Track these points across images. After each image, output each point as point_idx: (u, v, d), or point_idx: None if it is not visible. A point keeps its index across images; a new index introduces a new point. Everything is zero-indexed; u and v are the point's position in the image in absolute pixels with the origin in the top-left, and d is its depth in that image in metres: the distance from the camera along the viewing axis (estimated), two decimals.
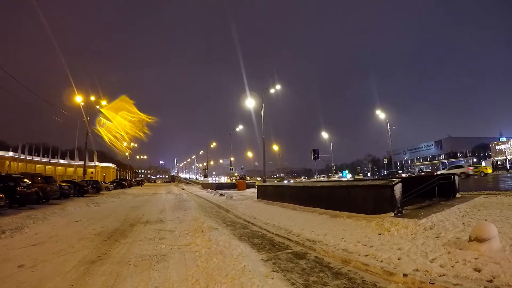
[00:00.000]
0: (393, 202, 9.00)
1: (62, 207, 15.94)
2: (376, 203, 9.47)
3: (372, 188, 10.46)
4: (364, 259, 5.38)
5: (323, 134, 64.34)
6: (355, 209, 9.95)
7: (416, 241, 6.11)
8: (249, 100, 31.42)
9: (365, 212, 9.46)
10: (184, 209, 16.36)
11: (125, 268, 5.54)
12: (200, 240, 7.72)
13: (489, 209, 9.24)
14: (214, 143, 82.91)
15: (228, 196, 23.12)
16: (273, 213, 12.64)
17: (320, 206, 11.92)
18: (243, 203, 18.29)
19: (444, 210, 9.27)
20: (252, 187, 37.31)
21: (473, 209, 9.46)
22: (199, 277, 4.82)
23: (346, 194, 11.27)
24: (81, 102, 34.50)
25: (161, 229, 9.83)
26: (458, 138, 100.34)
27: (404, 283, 4.31)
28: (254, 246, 7.25)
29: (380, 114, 53.43)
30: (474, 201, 11.02)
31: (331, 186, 13.57)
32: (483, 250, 4.88)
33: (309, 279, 4.76)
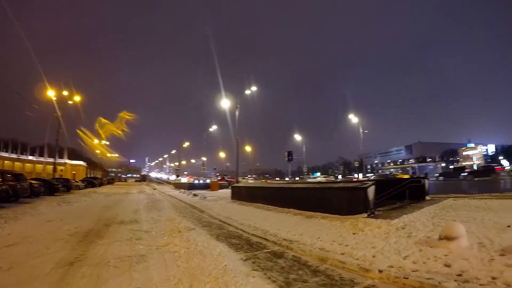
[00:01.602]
0: (367, 204, 9.45)
1: (33, 206, 15.44)
2: (350, 204, 9.86)
3: (346, 190, 10.83)
4: (341, 257, 5.69)
5: (296, 136, 65.10)
6: (329, 210, 10.29)
7: (389, 240, 6.52)
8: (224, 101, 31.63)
9: (339, 213, 9.81)
10: (158, 209, 16.29)
11: (105, 270, 5.49)
12: (178, 241, 7.77)
13: (457, 210, 9.86)
14: (187, 143, 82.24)
15: (202, 197, 23.13)
16: (248, 214, 12.86)
17: (294, 207, 12.19)
18: (218, 204, 18.38)
19: (415, 211, 9.86)
20: (225, 188, 37.47)
21: (442, 210, 10.05)
22: (182, 277, 4.89)
23: (320, 195, 11.67)
24: (54, 97, 33.57)
25: (137, 229, 9.78)
26: (427, 143, 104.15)
27: (380, 278, 4.65)
28: (232, 246, 7.40)
29: (353, 118, 54.82)
30: (443, 203, 11.69)
31: (306, 188, 13.99)
32: (452, 247, 5.33)
33: (289, 276, 4.99)
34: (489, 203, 10.79)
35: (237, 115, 28.27)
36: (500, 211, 8.88)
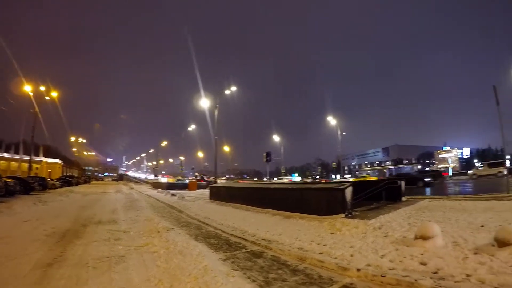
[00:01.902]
0: (344, 204, 9.63)
1: (8, 206, 14.96)
2: (328, 205, 10.01)
3: (325, 190, 11.07)
4: (319, 256, 5.77)
5: (275, 137, 65.35)
6: (307, 211, 10.41)
7: (366, 240, 6.66)
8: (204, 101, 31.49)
9: (318, 213, 9.93)
10: (136, 209, 16.19)
11: (84, 271, 5.41)
12: (157, 241, 7.73)
13: (433, 211, 10.11)
14: (165, 142, 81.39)
15: (180, 197, 23.04)
16: (227, 214, 12.86)
17: (273, 208, 12.26)
18: (196, 204, 18.34)
19: (391, 212, 10.08)
20: (203, 188, 37.40)
21: (418, 211, 10.29)
22: (162, 277, 4.89)
23: (299, 196, 11.81)
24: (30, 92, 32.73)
25: (115, 229, 9.71)
26: (404, 146, 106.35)
27: (358, 277, 4.74)
28: (211, 246, 7.38)
29: (332, 120, 55.51)
30: (419, 204, 11.96)
31: (284, 188, 14.13)
32: (428, 246, 5.49)
33: (268, 276, 5.02)
34: (463, 204, 11.12)
35: (216, 115, 28.22)
36: (474, 212, 9.15)
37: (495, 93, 15.59)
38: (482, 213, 8.86)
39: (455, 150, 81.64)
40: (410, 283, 4.14)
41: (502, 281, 3.82)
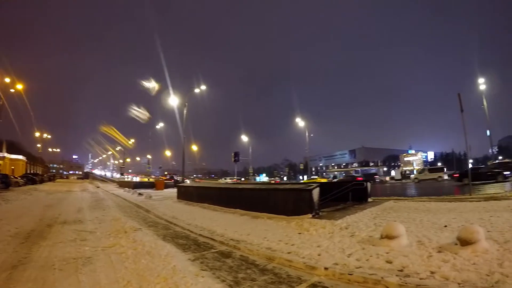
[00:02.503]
0: (312, 205, 9.81)
1: None
2: (295, 205, 10.16)
3: (292, 191, 11.21)
4: (288, 256, 5.84)
5: (243, 137, 65.46)
6: (275, 211, 10.52)
7: (333, 239, 6.79)
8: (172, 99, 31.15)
9: (285, 213, 10.06)
10: (102, 209, 15.93)
11: (51, 273, 5.29)
12: (125, 241, 7.60)
13: (398, 212, 10.43)
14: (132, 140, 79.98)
15: (147, 196, 22.69)
16: (195, 214, 12.78)
17: (241, 208, 12.32)
18: (163, 203, 18.13)
19: (358, 212, 10.32)
20: (171, 187, 36.91)
21: (383, 211, 10.59)
22: (131, 279, 4.83)
23: (267, 196, 11.92)
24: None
25: (82, 230, 9.50)
26: (371, 148, 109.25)
27: (326, 275, 4.83)
28: (180, 246, 7.33)
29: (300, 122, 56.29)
30: (384, 205, 12.30)
31: (252, 189, 14.17)
32: (393, 245, 5.68)
33: (237, 276, 5.05)
34: (427, 205, 11.53)
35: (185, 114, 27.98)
36: (438, 213, 9.50)
37: (460, 100, 16.22)
38: (445, 213, 9.20)
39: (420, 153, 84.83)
40: (377, 281, 4.26)
41: (465, 277, 4.00)
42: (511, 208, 9.30)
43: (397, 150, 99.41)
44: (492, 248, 4.96)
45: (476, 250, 4.86)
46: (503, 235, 5.88)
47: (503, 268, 4.15)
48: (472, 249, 4.88)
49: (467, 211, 9.45)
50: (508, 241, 5.35)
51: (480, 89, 37.83)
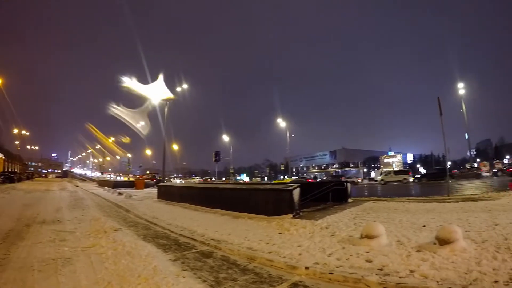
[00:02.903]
0: (292, 205, 9.88)
1: None
2: (276, 205, 10.22)
3: (273, 191, 11.26)
4: (268, 256, 5.86)
5: (224, 137, 65.28)
6: (256, 211, 10.55)
7: (314, 239, 6.85)
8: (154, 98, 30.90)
9: (266, 213, 10.10)
10: (82, 208, 15.64)
11: (30, 274, 5.18)
12: (105, 241, 7.49)
13: (377, 212, 10.58)
14: (113, 138, 78.89)
15: (127, 195, 22.33)
16: (176, 214, 12.72)
17: (222, 208, 12.31)
18: (143, 203, 17.97)
19: (338, 212, 10.42)
20: (150, 186, 36.48)
21: (363, 212, 10.73)
22: (111, 279, 4.77)
23: (247, 196, 11.96)
24: None
25: (61, 230, 9.28)
26: (351, 149, 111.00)
27: (307, 275, 4.87)
28: (161, 246, 7.29)
29: (281, 123, 56.59)
30: (364, 205, 12.45)
31: (233, 189, 14.24)
32: (373, 245, 5.77)
33: (219, 276, 5.05)
34: (407, 205, 11.72)
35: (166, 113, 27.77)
36: (417, 213, 9.67)
37: (439, 104, 16.60)
38: (424, 214, 9.37)
39: (399, 155, 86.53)
40: (357, 279, 4.32)
41: (444, 276, 4.09)
42: (488, 208, 9.54)
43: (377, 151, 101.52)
44: (470, 247, 5.07)
45: (454, 249, 4.96)
46: (481, 234, 6.02)
47: (481, 266, 4.26)
48: (451, 248, 4.99)
49: (446, 211, 9.64)
50: (486, 241, 5.49)
51: (460, 94, 39.13)
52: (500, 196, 12.52)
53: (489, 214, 8.41)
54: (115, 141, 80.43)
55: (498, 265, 4.27)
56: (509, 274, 3.97)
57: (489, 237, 5.76)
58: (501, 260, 4.44)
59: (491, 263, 4.37)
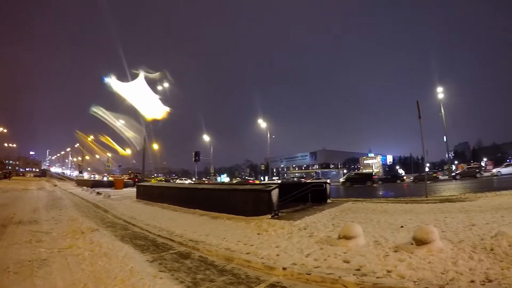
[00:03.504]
0: (271, 205, 9.91)
1: None
2: (255, 206, 10.22)
3: (252, 192, 11.21)
4: (246, 257, 5.85)
5: (205, 137, 64.97)
6: (235, 211, 10.52)
7: (292, 240, 6.86)
8: None
9: (245, 214, 10.08)
10: (59, 208, 15.40)
11: (5, 276, 5.10)
12: (82, 242, 7.40)
13: (356, 212, 10.66)
14: (92, 136, 77.43)
15: (106, 195, 22.04)
16: (154, 214, 12.63)
17: (200, 208, 12.23)
18: (122, 203, 17.75)
19: (317, 213, 10.44)
20: (130, 186, 36.05)
21: (342, 212, 10.79)
22: (87, 281, 4.74)
23: (226, 196, 11.94)
24: None
25: (37, 230, 9.10)
26: (331, 151, 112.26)
27: (284, 275, 4.87)
28: (138, 247, 7.25)
29: (262, 123, 56.76)
30: (343, 206, 12.52)
31: (212, 189, 14.18)
32: (351, 245, 5.80)
33: (196, 277, 5.04)
34: (385, 206, 11.85)
35: None
36: (395, 213, 9.79)
37: (418, 107, 16.87)
38: (402, 214, 9.50)
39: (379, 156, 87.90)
40: (334, 280, 4.33)
41: (420, 276, 4.13)
42: (465, 209, 9.72)
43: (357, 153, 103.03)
44: (446, 247, 5.14)
45: (431, 249, 5.02)
46: (457, 235, 6.11)
47: (457, 266, 4.31)
48: (428, 248, 5.05)
49: (423, 212, 9.78)
50: (462, 241, 5.56)
51: (439, 98, 40.09)
52: (477, 198, 12.77)
53: (466, 215, 8.56)
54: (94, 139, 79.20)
55: (475, 265, 4.33)
56: (486, 274, 4.03)
57: (466, 237, 5.84)
58: (477, 260, 4.49)
59: (468, 263, 4.42)
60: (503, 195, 12.66)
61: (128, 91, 31.04)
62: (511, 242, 4.85)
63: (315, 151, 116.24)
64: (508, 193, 13.19)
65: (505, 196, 12.45)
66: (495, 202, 10.92)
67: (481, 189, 16.86)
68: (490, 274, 4.01)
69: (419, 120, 16.92)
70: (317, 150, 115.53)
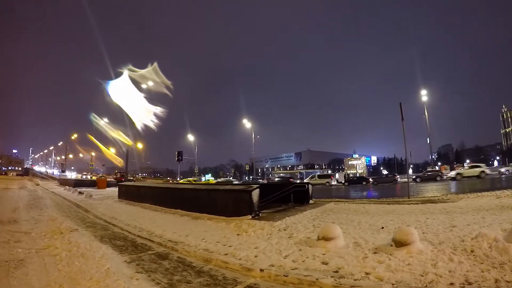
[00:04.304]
0: (251, 206, 9.88)
1: None
2: (235, 206, 10.19)
3: (232, 192, 11.20)
4: (224, 258, 5.80)
5: (189, 136, 64.66)
6: (215, 212, 10.47)
7: (271, 241, 6.82)
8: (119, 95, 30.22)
9: (225, 214, 10.03)
10: (40, 208, 15.25)
11: None
12: (60, 243, 7.33)
13: (337, 213, 10.65)
14: (76, 135, 76.74)
15: (88, 195, 22.05)
16: (135, 214, 12.54)
17: (182, 208, 12.15)
18: (104, 203, 17.63)
19: (298, 214, 10.41)
20: (113, 186, 35.54)
21: (323, 213, 10.77)
22: (63, 282, 4.68)
23: (207, 197, 11.88)
24: None
25: (16, 230, 9.07)
26: (316, 151, 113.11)
27: (262, 277, 4.82)
28: (117, 248, 7.20)
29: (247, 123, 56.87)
30: (325, 207, 12.52)
31: (194, 189, 14.12)
32: (330, 247, 5.77)
33: (173, 278, 5.00)
34: (367, 207, 11.87)
35: None
36: (376, 214, 9.80)
37: (401, 109, 17.06)
38: (383, 215, 9.51)
39: (363, 158, 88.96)
40: (312, 282, 4.27)
41: (399, 278, 4.09)
42: (446, 210, 9.78)
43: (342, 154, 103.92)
44: (426, 249, 5.12)
45: (411, 251, 5.00)
46: (438, 236, 6.10)
47: (437, 268, 4.28)
48: (407, 250, 5.02)
49: (405, 213, 9.82)
50: (443, 242, 5.55)
51: (423, 100, 40.79)
52: (458, 199, 12.91)
53: (447, 216, 8.60)
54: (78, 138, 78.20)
55: (454, 267, 4.31)
56: (465, 276, 4.01)
57: (446, 238, 5.84)
58: (457, 262, 4.47)
59: (447, 265, 4.40)
60: (485, 196, 12.79)
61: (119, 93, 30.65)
62: (491, 244, 4.84)
63: (300, 151, 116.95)
64: (490, 194, 13.36)
65: (486, 197, 12.57)
66: (476, 203, 11.03)
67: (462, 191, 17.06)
68: (470, 276, 3.99)
69: (402, 122, 17.09)
70: (302, 151, 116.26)
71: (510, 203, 10.25)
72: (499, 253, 4.55)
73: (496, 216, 8.21)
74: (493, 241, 4.88)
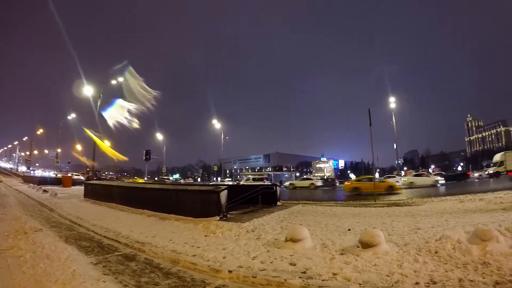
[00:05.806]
0: (219, 207, 9.83)
1: None
2: (203, 207, 10.12)
3: (200, 193, 11.14)
4: (192, 259, 5.75)
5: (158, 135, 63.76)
6: (183, 212, 10.34)
7: (239, 242, 6.83)
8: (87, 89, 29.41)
9: (193, 215, 9.91)
10: (3, 206, 14.70)
11: None
12: (24, 243, 7.05)
13: (305, 215, 10.81)
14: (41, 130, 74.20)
15: (53, 193, 21.21)
16: (101, 214, 12.25)
17: (149, 208, 11.96)
18: (69, 202, 17.06)
19: (266, 215, 10.48)
20: (78, 184, 34.52)
21: (291, 215, 10.90)
22: (27, 285, 4.59)
23: (175, 197, 11.73)
24: None
25: None
26: (284, 154, 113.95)
27: (230, 278, 4.83)
28: (82, 249, 7.05)
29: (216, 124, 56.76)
30: (292, 209, 12.67)
31: (161, 189, 13.95)
32: (297, 248, 5.83)
33: (140, 280, 4.94)
34: (334, 209, 12.10)
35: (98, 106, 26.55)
36: (343, 217, 10.01)
37: (369, 115, 17.54)
38: (350, 218, 9.72)
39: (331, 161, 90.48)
40: (280, 283, 4.32)
41: (366, 278, 4.19)
42: (411, 213, 10.11)
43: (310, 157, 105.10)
44: (392, 250, 5.27)
45: (377, 252, 5.13)
46: (403, 238, 6.29)
47: (402, 269, 4.42)
48: (373, 251, 5.15)
49: (371, 215, 10.08)
50: (408, 244, 5.72)
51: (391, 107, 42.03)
52: (423, 202, 13.34)
53: (412, 219, 8.88)
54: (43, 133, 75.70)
55: (419, 267, 4.45)
56: (430, 276, 4.15)
57: (411, 240, 6.02)
58: (422, 262, 4.62)
59: (413, 265, 4.54)
60: (448, 200, 13.31)
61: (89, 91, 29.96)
62: (455, 245, 5.03)
63: (268, 153, 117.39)
64: (453, 198, 13.86)
65: (449, 201, 13.06)
66: (440, 206, 11.46)
67: None
68: (435, 276, 4.13)
69: (370, 127, 17.54)
70: (270, 153, 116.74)
71: (472, 207, 10.71)
72: (462, 254, 4.74)
73: (459, 219, 8.58)
74: (457, 243, 5.08)
